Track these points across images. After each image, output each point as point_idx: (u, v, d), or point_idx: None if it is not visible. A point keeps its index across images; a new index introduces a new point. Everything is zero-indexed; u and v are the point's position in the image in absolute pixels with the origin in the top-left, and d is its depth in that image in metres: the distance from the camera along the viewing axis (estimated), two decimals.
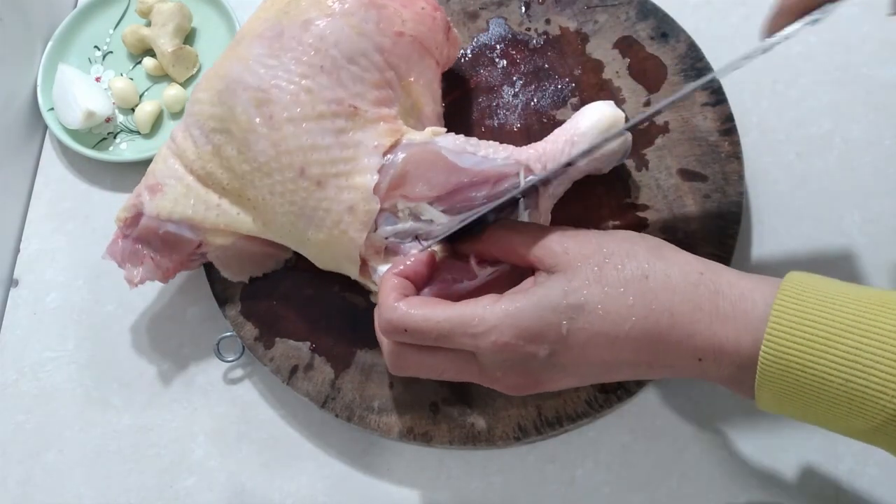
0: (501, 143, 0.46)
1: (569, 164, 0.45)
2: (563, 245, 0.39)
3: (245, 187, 0.46)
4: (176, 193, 0.47)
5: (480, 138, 0.46)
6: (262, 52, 0.45)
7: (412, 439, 0.47)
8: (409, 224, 0.44)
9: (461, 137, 0.45)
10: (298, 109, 0.43)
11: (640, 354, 0.37)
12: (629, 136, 0.47)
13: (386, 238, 0.44)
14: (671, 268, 0.37)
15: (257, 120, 0.44)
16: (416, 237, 0.44)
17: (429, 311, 0.38)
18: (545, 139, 0.46)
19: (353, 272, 0.46)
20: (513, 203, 0.45)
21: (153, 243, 0.48)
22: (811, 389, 0.33)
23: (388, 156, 0.44)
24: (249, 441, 0.51)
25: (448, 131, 0.46)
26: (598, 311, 0.37)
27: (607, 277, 0.37)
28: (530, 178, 0.44)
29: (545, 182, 0.45)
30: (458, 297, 0.40)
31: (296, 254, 0.51)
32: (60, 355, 0.56)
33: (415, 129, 0.46)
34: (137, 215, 0.48)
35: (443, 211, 0.44)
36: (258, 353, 0.50)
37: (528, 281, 0.40)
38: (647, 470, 0.46)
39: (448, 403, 0.47)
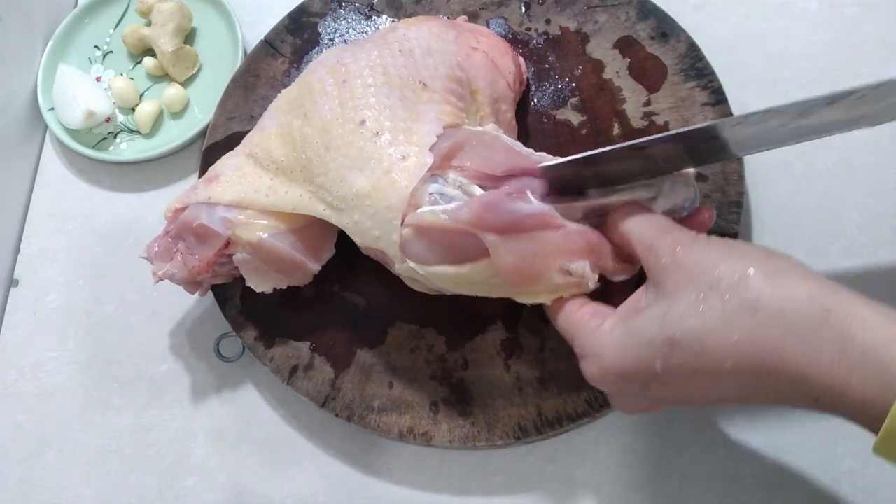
0: None
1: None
2: (677, 257, 0.36)
3: (302, 150, 0.46)
4: (230, 180, 0.48)
5: None
6: (346, 47, 0.50)
7: (412, 439, 0.47)
8: (455, 192, 0.42)
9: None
10: (371, 78, 0.46)
11: (746, 388, 0.34)
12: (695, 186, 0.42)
13: (430, 193, 0.42)
14: (788, 301, 0.32)
15: (330, 82, 0.46)
16: None
17: (561, 316, 0.40)
18: None
19: (393, 234, 0.42)
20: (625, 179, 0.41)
21: (186, 238, 0.48)
22: None
23: (448, 130, 0.44)
24: (249, 441, 0.51)
25: None
26: (694, 348, 0.33)
27: (711, 309, 0.33)
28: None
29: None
30: (511, 220, 0.39)
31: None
32: (60, 355, 0.56)
33: None
34: (182, 209, 0.48)
35: None
36: (258, 352, 0.50)
37: (636, 296, 0.38)
38: (647, 470, 0.46)
39: (448, 403, 0.47)
